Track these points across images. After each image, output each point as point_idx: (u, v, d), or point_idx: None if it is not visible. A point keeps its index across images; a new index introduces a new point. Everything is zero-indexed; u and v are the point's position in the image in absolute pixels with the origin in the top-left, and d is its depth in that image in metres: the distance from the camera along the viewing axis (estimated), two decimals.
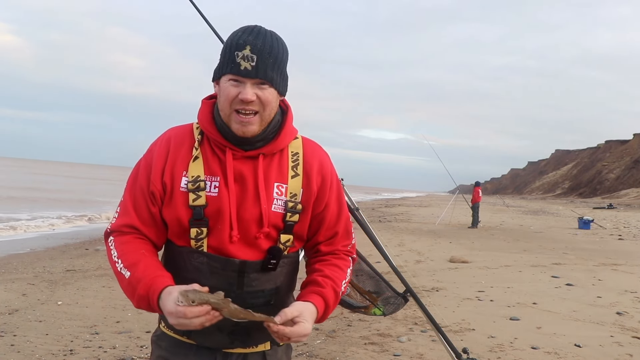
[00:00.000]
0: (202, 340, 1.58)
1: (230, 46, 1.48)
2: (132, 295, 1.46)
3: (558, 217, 31.28)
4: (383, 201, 57.64)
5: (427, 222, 22.83)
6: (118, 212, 1.60)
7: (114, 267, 1.52)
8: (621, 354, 4.90)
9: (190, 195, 1.52)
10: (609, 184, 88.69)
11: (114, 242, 1.55)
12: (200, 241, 1.52)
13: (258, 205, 1.53)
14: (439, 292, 7.49)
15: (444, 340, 3.78)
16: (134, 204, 1.56)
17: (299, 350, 4.83)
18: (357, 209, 3.91)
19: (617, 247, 14.93)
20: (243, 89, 1.47)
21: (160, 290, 1.41)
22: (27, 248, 11.55)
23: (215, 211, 1.51)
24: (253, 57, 1.46)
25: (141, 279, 1.44)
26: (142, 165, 1.60)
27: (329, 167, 1.67)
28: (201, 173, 1.53)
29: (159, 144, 1.60)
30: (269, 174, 1.56)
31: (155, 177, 1.55)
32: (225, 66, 1.49)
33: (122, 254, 1.51)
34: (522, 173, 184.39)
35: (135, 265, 1.47)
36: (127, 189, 1.60)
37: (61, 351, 4.64)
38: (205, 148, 1.57)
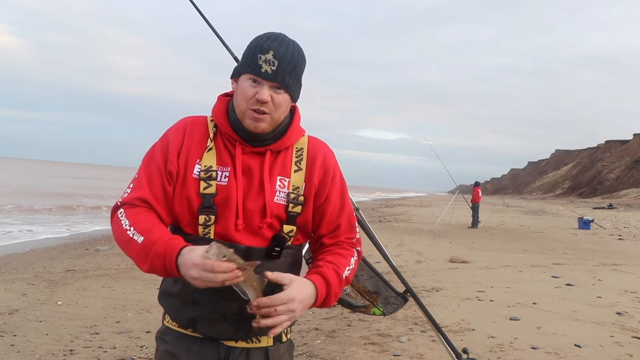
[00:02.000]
0: (207, 330, 1.61)
1: (255, 49, 1.58)
2: (146, 257, 1.46)
3: (558, 217, 31.29)
4: (383, 201, 57.64)
5: (427, 222, 22.82)
6: (131, 187, 1.62)
7: (123, 235, 1.52)
8: (621, 354, 4.90)
9: (201, 183, 1.59)
10: (609, 184, 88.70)
11: (124, 213, 1.56)
12: (207, 228, 1.58)
13: (262, 197, 1.61)
14: (439, 292, 7.49)
15: (444, 340, 3.78)
16: (149, 180, 1.61)
17: (299, 351, 4.83)
18: (357, 209, 3.91)
19: (617, 247, 14.93)
20: (261, 89, 1.56)
21: (180, 248, 1.44)
22: (27, 248, 11.54)
23: (224, 199, 1.59)
24: (274, 62, 1.56)
25: (159, 240, 1.46)
26: (157, 147, 1.66)
27: (332, 162, 1.74)
28: (214, 164, 1.62)
29: (176, 129, 1.67)
30: (274, 168, 1.65)
31: (173, 157, 1.61)
32: (247, 66, 1.58)
33: (134, 222, 1.52)
34: (522, 173, 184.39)
35: (150, 230, 1.49)
36: (142, 167, 1.64)
37: (61, 351, 4.65)
38: (218, 141, 1.65)
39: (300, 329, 5.54)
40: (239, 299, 1.45)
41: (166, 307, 1.69)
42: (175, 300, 1.64)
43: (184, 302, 1.61)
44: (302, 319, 5.88)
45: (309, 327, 5.59)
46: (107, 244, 12.26)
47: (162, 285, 1.71)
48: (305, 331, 5.46)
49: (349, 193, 4.23)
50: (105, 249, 11.35)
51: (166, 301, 1.69)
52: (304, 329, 5.52)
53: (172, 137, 1.65)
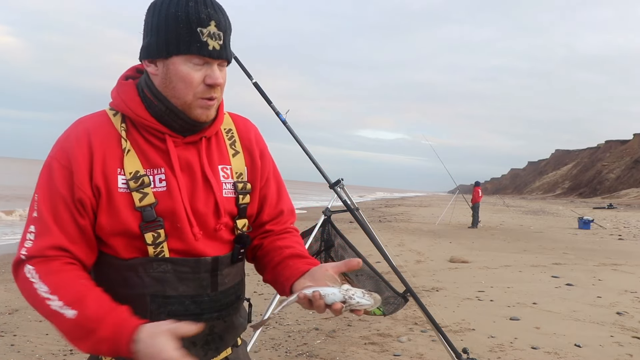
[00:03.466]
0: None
1: (188, 20, 1.24)
2: (83, 337, 1.17)
3: (558, 217, 31.29)
4: (383, 201, 57.65)
5: (427, 222, 22.82)
6: (33, 232, 1.25)
7: (41, 305, 1.19)
8: (621, 354, 4.90)
9: (134, 195, 1.28)
10: (609, 184, 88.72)
11: (35, 272, 1.21)
12: (159, 246, 1.29)
13: (211, 193, 1.36)
14: (439, 292, 7.49)
15: (444, 340, 3.78)
16: (56, 219, 1.25)
17: (298, 351, 4.83)
18: (357, 209, 3.91)
19: (617, 247, 14.93)
20: (211, 72, 1.29)
21: (134, 329, 1.15)
22: None
23: (169, 208, 1.31)
24: (220, 35, 1.28)
25: (99, 317, 1.16)
26: (55, 169, 1.27)
27: (263, 140, 1.53)
28: (139, 168, 1.30)
29: (75, 140, 1.29)
30: (212, 158, 1.40)
31: (82, 182, 1.26)
32: (185, 45, 1.25)
33: (55, 288, 1.19)
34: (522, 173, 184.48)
35: (81, 301, 1.18)
36: (40, 202, 1.26)
37: (61, 351, 4.65)
38: (133, 138, 1.32)
39: (300, 329, 5.54)
40: (210, 318, 1.36)
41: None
42: None
43: None
44: (302, 318, 5.88)
45: (309, 327, 5.59)
46: None
47: None
48: (305, 331, 5.46)
49: (349, 193, 4.22)
50: None
51: None
52: (304, 329, 5.52)
53: (72, 153, 1.27)
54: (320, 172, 3.84)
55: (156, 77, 1.31)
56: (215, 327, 1.38)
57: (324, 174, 3.85)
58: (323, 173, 3.84)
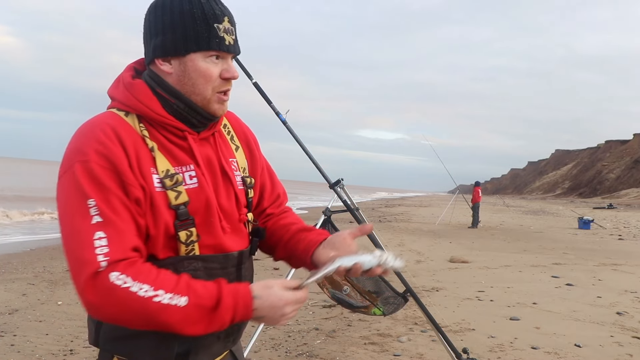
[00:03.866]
0: (200, 357, 1.35)
1: (205, 17, 1.26)
2: (202, 318, 1.18)
3: (558, 217, 31.30)
4: (383, 201, 57.64)
5: (427, 222, 22.82)
6: (105, 238, 1.17)
7: (145, 305, 1.15)
8: (621, 354, 4.90)
9: (169, 193, 1.27)
10: (609, 184, 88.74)
11: (126, 276, 1.15)
12: (191, 244, 1.30)
13: (231, 187, 1.39)
14: (439, 292, 7.49)
15: (444, 340, 3.78)
16: (123, 221, 1.20)
17: (299, 351, 4.83)
18: (357, 209, 3.91)
19: (617, 247, 14.93)
20: (228, 66, 1.32)
21: (249, 289, 1.22)
22: (27, 248, 11.54)
23: (203, 204, 1.32)
24: (232, 30, 1.31)
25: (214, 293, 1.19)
26: (99, 173, 1.20)
27: (251, 130, 1.58)
28: (169, 167, 1.29)
29: (108, 141, 1.23)
30: (223, 152, 1.42)
31: (131, 181, 1.22)
32: (203, 41, 1.27)
33: (156, 284, 1.16)
34: (522, 173, 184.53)
35: (188, 287, 1.18)
36: (101, 206, 1.18)
37: (61, 351, 4.64)
38: (155, 137, 1.31)
39: (300, 329, 5.54)
40: None
41: (130, 352, 1.31)
42: (148, 340, 1.28)
43: (165, 337, 1.26)
44: (302, 319, 5.88)
45: (309, 327, 5.59)
46: None
47: (108, 327, 1.30)
48: (305, 331, 5.46)
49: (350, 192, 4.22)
50: None
51: (129, 346, 1.30)
52: (304, 329, 5.52)
53: (109, 152, 1.21)
54: (320, 172, 3.84)
55: (170, 76, 1.31)
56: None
57: (324, 174, 3.85)
58: (323, 173, 3.84)
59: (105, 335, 1.32)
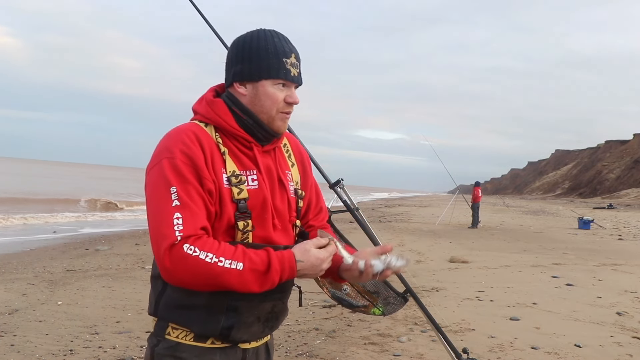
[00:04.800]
0: (241, 335, 1.60)
1: (276, 52, 1.59)
2: (258, 279, 1.47)
3: (558, 217, 31.29)
4: (383, 201, 57.64)
5: (427, 222, 22.82)
6: (181, 218, 1.46)
7: (212, 268, 1.43)
8: (621, 354, 4.90)
9: (233, 189, 1.57)
10: (609, 184, 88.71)
11: (195, 247, 1.44)
12: (246, 233, 1.58)
13: (285, 193, 1.68)
14: (439, 292, 7.49)
15: (444, 340, 3.78)
16: (197, 206, 1.50)
17: (299, 351, 4.83)
18: (357, 209, 3.90)
19: (617, 247, 14.93)
20: (292, 93, 1.63)
21: (292, 253, 1.52)
22: (27, 248, 11.54)
23: (260, 202, 1.60)
24: (297, 65, 1.64)
25: (268, 258, 1.49)
26: (181, 168, 1.50)
27: (306, 152, 1.90)
28: (235, 169, 1.60)
29: (190, 143, 1.54)
30: (282, 164, 1.72)
31: (206, 176, 1.52)
32: (273, 71, 1.59)
33: (219, 253, 1.45)
34: (522, 173, 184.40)
35: (244, 254, 1.48)
36: (180, 193, 1.48)
37: (61, 351, 4.65)
38: (227, 145, 1.62)
39: (300, 329, 5.55)
40: (274, 298, 1.63)
41: (184, 321, 1.58)
42: (200, 312, 1.55)
43: (214, 312, 1.55)
44: (302, 318, 5.88)
45: (309, 327, 5.59)
46: (107, 244, 12.26)
47: (167, 299, 1.59)
48: (305, 331, 5.46)
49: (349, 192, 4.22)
50: (105, 249, 11.35)
51: (183, 315, 1.57)
52: (304, 329, 5.53)
53: (191, 153, 1.52)
54: (320, 172, 3.84)
55: (245, 97, 1.62)
56: (275, 307, 1.66)
57: (324, 174, 3.84)
58: (323, 173, 3.84)
59: (164, 305, 1.59)
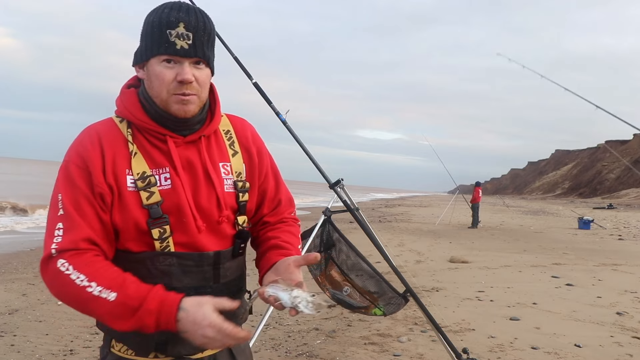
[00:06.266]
0: (179, 349, 1.42)
1: (160, 24, 1.36)
2: (127, 315, 1.27)
3: (558, 217, 31.28)
4: (383, 201, 57.64)
5: (427, 222, 22.82)
6: (62, 228, 1.33)
7: (79, 293, 1.27)
8: (621, 354, 4.90)
9: (142, 193, 1.38)
10: (609, 184, 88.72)
11: (69, 264, 1.29)
12: (165, 241, 1.39)
13: (212, 189, 1.46)
14: (439, 292, 7.49)
15: (444, 340, 3.78)
16: (82, 215, 1.34)
17: (299, 351, 4.83)
18: (357, 209, 3.91)
19: (617, 247, 14.93)
20: (181, 69, 1.37)
21: (179, 302, 1.27)
22: (27, 248, 11.55)
23: (175, 204, 1.40)
24: (189, 35, 1.36)
25: (142, 294, 1.27)
26: (73, 171, 1.37)
27: (259, 137, 1.64)
28: (146, 168, 1.40)
29: (88, 144, 1.39)
30: (213, 155, 1.50)
31: (99, 180, 1.36)
32: (156, 46, 1.36)
33: (93, 276, 1.28)
34: (522, 173, 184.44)
35: (120, 285, 1.28)
36: (65, 200, 1.34)
37: (61, 351, 4.65)
38: (139, 141, 1.43)
39: (300, 329, 5.55)
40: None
41: (119, 336, 1.43)
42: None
43: None
44: (302, 319, 5.88)
45: (309, 327, 5.59)
46: None
47: None
48: (305, 331, 5.46)
49: (349, 192, 4.21)
50: None
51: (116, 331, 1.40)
52: (304, 329, 5.52)
53: (86, 155, 1.38)
54: (320, 172, 3.84)
55: (145, 81, 1.43)
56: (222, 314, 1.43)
57: (324, 174, 3.85)
58: (323, 173, 3.85)
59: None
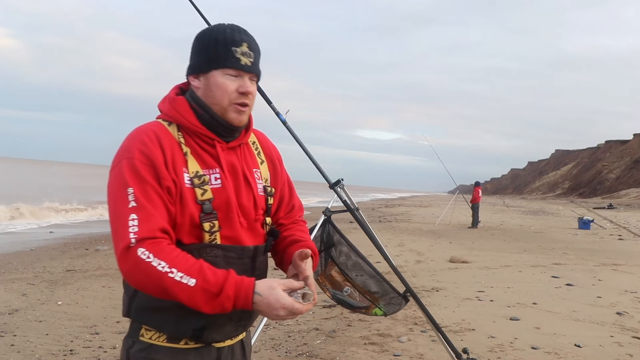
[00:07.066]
0: (214, 336, 1.58)
1: (225, 42, 1.56)
2: (208, 300, 1.39)
3: (558, 217, 31.29)
4: (383, 201, 57.64)
5: (427, 222, 22.82)
6: (137, 219, 1.43)
7: (162, 279, 1.38)
8: (621, 354, 4.90)
9: (197, 190, 1.54)
10: (609, 184, 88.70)
11: (149, 252, 1.40)
12: (214, 234, 1.55)
13: (250, 190, 1.65)
14: (439, 292, 7.49)
15: (444, 340, 3.78)
16: (154, 206, 1.46)
17: (299, 351, 4.83)
18: (357, 209, 3.91)
19: (617, 247, 14.93)
20: (243, 82, 1.58)
21: (253, 287, 1.42)
22: (27, 248, 11.54)
23: (224, 202, 1.57)
24: (251, 54, 1.59)
25: (223, 281, 1.40)
26: (139, 167, 1.48)
27: (278, 150, 1.87)
28: (198, 168, 1.56)
29: (148, 142, 1.52)
30: (247, 161, 1.69)
31: (164, 174, 1.49)
32: (222, 61, 1.56)
33: (173, 263, 1.40)
34: (522, 173, 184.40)
35: (199, 270, 1.40)
36: (137, 194, 1.45)
37: (61, 351, 4.65)
38: (190, 144, 1.59)
39: (300, 329, 5.55)
40: None
41: (155, 323, 1.56)
42: (170, 314, 1.52)
43: (184, 314, 1.49)
44: (302, 319, 5.88)
45: (309, 327, 5.59)
46: (107, 244, 12.26)
47: (138, 301, 1.56)
48: (305, 331, 5.46)
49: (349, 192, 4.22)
50: (105, 249, 11.35)
51: (155, 318, 1.55)
52: (304, 329, 5.53)
53: (149, 152, 1.50)
54: (320, 172, 3.84)
55: (199, 90, 1.60)
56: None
57: (324, 174, 3.85)
58: (323, 173, 3.84)
59: (136, 307, 1.57)
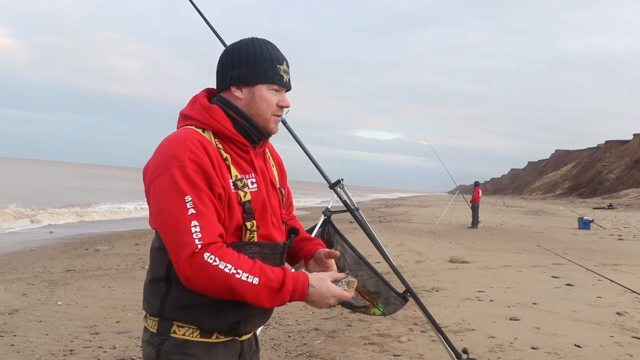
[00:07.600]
0: (247, 327, 1.72)
1: (271, 59, 1.71)
2: (270, 296, 1.55)
3: (558, 217, 31.28)
4: (383, 201, 57.64)
5: (427, 222, 22.82)
6: (198, 226, 1.52)
7: (229, 280, 1.51)
8: (621, 354, 4.90)
9: (239, 193, 1.67)
10: (609, 184, 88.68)
11: (215, 256, 1.51)
12: (253, 233, 1.68)
13: (276, 192, 1.81)
14: (439, 292, 7.49)
15: (444, 340, 3.78)
16: (211, 212, 1.57)
17: (299, 351, 4.83)
18: (357, 209, 3.90)
19: (617, 247, 14.93)
20: (283, 97, 1.74)
21: (307, 278, 1.60)
22: (27, 248, 11.54)
23: (261, 203, 1.71)
24: (288, 72, 1.76)
25: (283, 277, 1.57)
26: (192, 176, 1.56)
27: (279, 155, 2.03)
28: (237, 173, 1.68)
29: (198, 151, 1.60)
30: (269, 165, 1.85)
31: (215, 182, 1.60)
32: (268, 76, 1.70)
33: (237, 264, 1.53)
34: (522, 173, 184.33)
35: (260, 269, 1.56)
36: (195, 201, 1.55)
37: (61, 351, 4.65)
38: (227, 151, 1.70)
39: (300, 329, 5.55)
40: None
41: (191, 319, 1.65)
42: (208, 310, 1.63)
43: (221, 308, 1.63)
44: (302, 318, 5.89)
45: (309, 327, 5.59)
46: (107, 244, 12.26)
47: (173, 300, 1.65)
48: (305, 331, 5.46)
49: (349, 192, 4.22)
50: (105, 249, 11.34)
51: (191, 314, 1.64)
52: (304, 329, 5.52)
53: (199, 161, 1.59)
54: (320, 172, 3.84)
55: (241, 101, 1.71)
56: None
57: (323, 174, 3.84)
58: (323, 173, 3.84)
59: (171, 305, 1.65)
